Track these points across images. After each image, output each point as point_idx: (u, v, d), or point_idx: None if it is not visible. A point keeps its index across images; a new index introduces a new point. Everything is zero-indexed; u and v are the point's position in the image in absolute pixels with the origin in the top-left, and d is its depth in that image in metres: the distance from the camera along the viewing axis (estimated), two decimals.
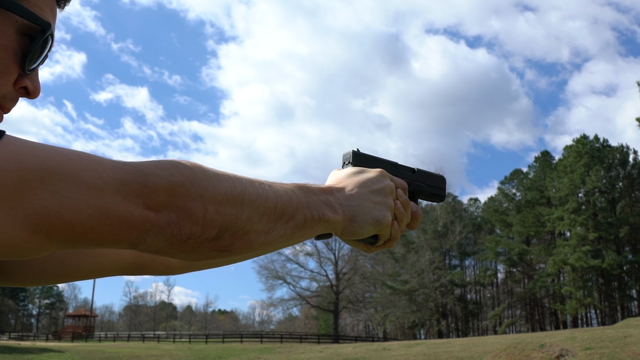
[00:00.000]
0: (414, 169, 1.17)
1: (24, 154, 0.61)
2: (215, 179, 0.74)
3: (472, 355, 28.79)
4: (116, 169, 0.67)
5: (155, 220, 0.68)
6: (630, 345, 25.44)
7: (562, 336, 31.04)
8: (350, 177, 0.99)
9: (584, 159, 68.29)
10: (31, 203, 0.60)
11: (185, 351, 39.87)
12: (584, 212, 68.04)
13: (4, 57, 0.75)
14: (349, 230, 0.94)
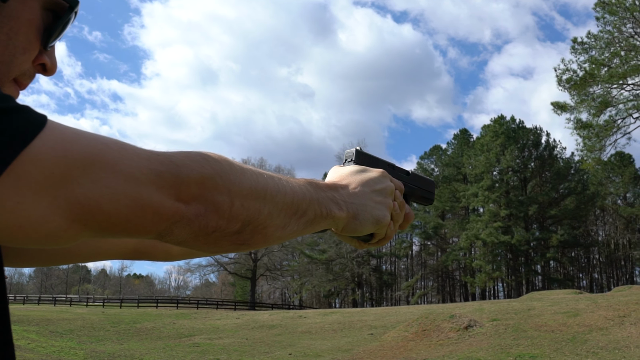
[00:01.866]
0: (409, 171, 1.21)
1: (68, 142, 0.61)
2: (241, 173, 0.76)
3: (385, 325, 29.61)
4: (151, 160, 0.66)
5: (184, 212, 0.68)
6: (533, 317, 26.75)
7: (471, 307, 32.26)
8: (354, 175, 1.01)
9: (500, 138, 70.49)
10: (74, 192, 0.60)
11: (98, 315, 39.24)
12: (497, 190, 70.44)
13: (28, 32, 0.76)
14: (350, 227, 0.96)
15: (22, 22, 0.75)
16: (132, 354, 21.85)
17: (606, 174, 77.94)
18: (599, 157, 37.54)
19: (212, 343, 26.26)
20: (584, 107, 35.05)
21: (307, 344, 25.96)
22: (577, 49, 35.08)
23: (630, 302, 27.86)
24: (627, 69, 33.08)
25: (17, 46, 0.75)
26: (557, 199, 73.64)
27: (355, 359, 21.76)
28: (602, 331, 22.95)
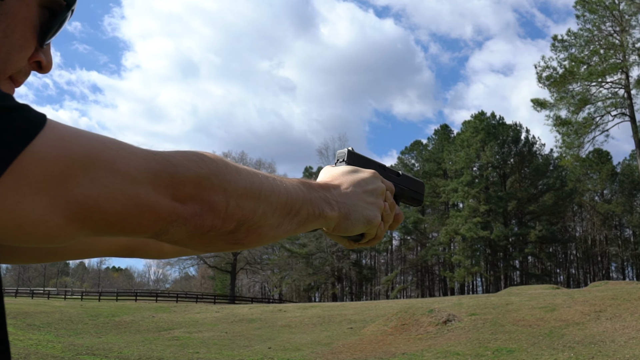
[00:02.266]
0: (399, 172, 1.21)
1: (68, 141, 0.61)
2: (236, 173, 0.76)
3: (364, 319, 29.72)
4: (148, 159, 0.66)
5: (181, 212, 0.68)
6: (511, 312, 27.00)
7: (449, 302, 32.47)
8: (346, 175, 1.01)
9: (481, 134, 70.90)
10: (73, 191, 0.60)
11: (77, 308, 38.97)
12: (477, 185, 70.88)
13: (25, 30, 0.75)
14: (341, 226, 0.97)
15: (19, 19, 0.74)
16: (110, 347, 21.74)
17: (584, 170, 78.78)
18: (577, 154, 37.93)
19: (192, 337, 26.22)
20: (563, 104, 35.36)
21: (287, 337, 26.00)
22: (558, 47, 35.37)
23: (606, 298, 28.22)
24: (606, 67, 33.41)
25: (13, 44, 0.75)
26: (536, 195, 74.28)
27: (335, 353, 21.83)
28: (579, 326, 23.24)
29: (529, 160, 74.63)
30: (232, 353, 21.44)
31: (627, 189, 76.98)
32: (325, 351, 22.31)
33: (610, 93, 34.83)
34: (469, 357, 19.75)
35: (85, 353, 18.48)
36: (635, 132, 33.91)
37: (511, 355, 19.49)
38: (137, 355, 19.12)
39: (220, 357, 20.25)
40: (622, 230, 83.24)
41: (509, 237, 72.35)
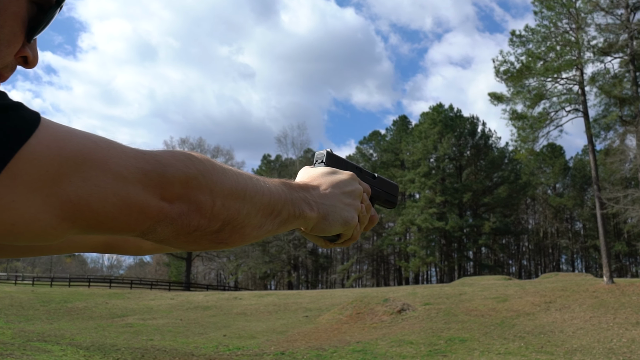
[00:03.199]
0: (375, 175, 1.22)
1: (62, 140, 0.61)
2: (222, 174, 0.77)
3: (320, 307, 29.87)
4: (138, 158, 0.67)
5: (168, 212, 0.69)
6: (464, 302, 27.47)
7: (404, 292, 32.85)
8: (324, 176, 1.02)
9: (438, 126, 71.58)
10: (65, 190, 0.60)
11: (28, 294, 38.27)
12: (434, 177, 71.64)
13: (13, 25, 0.74)
14: (319, 227, 0.98)
15: (9, 14, 0.73)
16: (62, 333, 21.42)
17: (538, 164, 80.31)
18: (532, 148, 38.55)
19: (146, 323, 26.00)
20: (519, 98, 35.87)
21: (242, 325, 25.98)
22: (515, 42, 35.83)
23: (556, 289, 28.90)
24: (561, 63, 34.00)
25: (1, 39, 0.74)
26: (491, 187, 75.45)
27: (290, 341, 21.89)
28: (529, 316, 23.76)
29: (484, 153, 75.68)
30: (187, 340, 21.33)
31: (579, 183, 78.76)
32: (280, 339, 22.36)
33: (565, 89, 35.48)
34: (422, 346, 20.02)
35: (36, 339, 18.17)
36: (588, 127, 34.64)
37: (463, 345, 19.83)
38: (90, 342, 18.88)
39: (174, 344, 20.13)
40: (572, 223, 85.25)
41: (464, 228, 73.38)
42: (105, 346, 17.90)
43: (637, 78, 34.21)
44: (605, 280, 30.48)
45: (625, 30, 33.03)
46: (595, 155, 35.10)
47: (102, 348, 17.34)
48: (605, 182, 46.17)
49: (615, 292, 26.76)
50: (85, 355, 14.95)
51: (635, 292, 26.46)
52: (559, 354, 17.92)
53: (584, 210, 77.20)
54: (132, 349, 17.83)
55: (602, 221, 33.65)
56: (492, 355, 18.19)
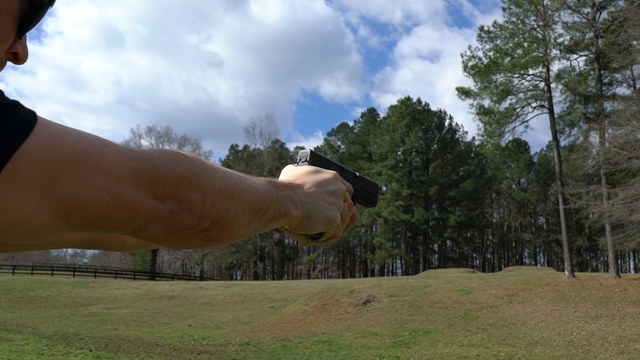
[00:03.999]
0: (356, 174, 1.24)
1: (58, 139, 0.61)
2: (212, 173, 0.78)
3: (286, 298, 29.91)
4: (130, 157, 0.67)
5: (159, 210, 0.69)
6: (429, 294, 27.76)
7: (369, 283, 33.06)
8: (308, 175, 1.04)
9: (406, 119, 71.93)
10: (61, 189, 0.61)
11: None
12: (401, 170, 72.05)
13: (5, 22, 0.73)
14: (303, 225, 0.99)
15: (1, 11, 0.72)
16: (24, 322, 21.13)
17: (503, 159, 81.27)
18: (497, 143, 39.06)
19: (110, 313, 25.76)
20: (486, 93, 36.27)
21: (208, 315, 25.90)
22: (484, 37, 36.19)
23: (518, 282, 29.37)
24: (528, 60, 34.45)
25: None
26: (457, 181, 76.19)
27: (255, 332, 21.90)
28: (492, 309, 24.12)
29: (451, 146, 76.33)
30: (152, 330, 21.21)
31: (543, 178, 79.97)
32: (245, 329, 22.36)
33: (532, 85, 35.96)
34: (387, 337, 20.19)
35: None
36: (553, 124, 35.17)
37: (427, 336, 20.05)
38: (53, 331, 18.66)
39: (139, 333, 20.00)
40: (536, 217, 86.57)
41: (430, 221, 74.01)
42: (68, 335, 17.71)
43: (601, 76, 34.83)
44: (566, 274, 31.07)
45: (591, 29, 33.57)
46: (560, 152, 35.69)
47: (65, 337, 17.16)
48: (568, 178, 46.98)
49: (576, 286, 27.31)
50: (48, 345, 14.78)
51: (595, 286, 27.03)
52: (520, 346, 18.23)
53: (547, 205, 78.43)
54: (95, 339, 17.67)
55: (565, 216, 34.26)
56: (455, 347, 18.43)
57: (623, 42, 27.84)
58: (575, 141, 37.05)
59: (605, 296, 24.74)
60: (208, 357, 16.17)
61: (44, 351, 13.32)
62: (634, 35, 24.56)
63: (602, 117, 32.22)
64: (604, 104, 34.04)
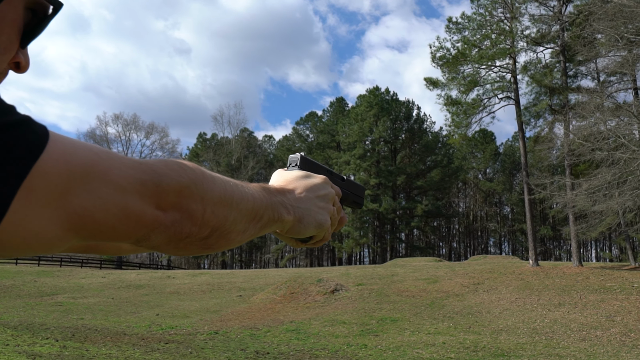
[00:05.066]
0: (344, 177, 1.27)
1: (69, 153, 0.62)
2: (212, 182, 0.80)
3: (254, 287, 29.92)
4: (135, 168, 0.69)
5: (162, 220, 0.71)
6: (396, 282, 28.02)
7: (337, 272, 33.24)
8: (299, 180, 1.06)
9: (374, 109, 72.12)
10: (72, 203, 0.62)
11: None
12: (369, 159, 72.30)
13: (10, 33, 0.74)
14: (294, 229, 1.01)
15: (7, 22, 0.73)
16: None
17: (470, 149, 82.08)
18: (464, 133, 39.47)
19: (76, 302, 25.51)
20: (454, 84, 36.58)
21: (175, 304, 25.81)
22: (452, 29, 36.46)
23: (484, 271, 29.81)
24: (495, 52, 34.81)
25: None
26: (424, 170, 76.74)
27: (224, 321, 21.90)
28: (458, 297, 24.46)
29: (419, 136, 76.76)
30: (119, 319, 21.07)
31: (508, 168, 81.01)
32: (214, 318, 22.34)
33: (498, 77, 36.37)
34: (354, 325, 20.35)
35: None
36: (519, 115, 35.65)
37: (395, 325, 20.27)
38: (18, 321, 18.44)
39: (106, 323, 19.86)
40: (501, 207, 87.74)
41: (397, 211, 74.48)
42: (34, 325, 17.52)
43: (566, 69, 35.39)
44: (530, 263, 31.62)
45: (557, 22, 34.05)
46: (525, 142, 36.21)
47: (31, 327, 16.97)
48: (533, 168, 47.73)
49: (539, 275, 27.81)
50: (13, 335, 14.62)
51: (558, 275, 27.56)
52: (485, 333, 18.54)
53: (512, 195, 79.51)
54: (62, 328, 17.52)
55: (530, 206, 34.81)
56: (422, 335, 18.66)
57: (588, 35, 28.32)
58: (540, 132, 37.62)
59: (568, 284, 25.25)
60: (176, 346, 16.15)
61: (9, 341, 13.20)
62: (599, 29, 24.98)
63: (566, 109, 32.76)
64: (568, 96, 34.62)
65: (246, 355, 15.31)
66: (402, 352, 16.45)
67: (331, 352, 16.50)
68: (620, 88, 34.08)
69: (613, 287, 24.04)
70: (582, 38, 29.35)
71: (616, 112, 25.34)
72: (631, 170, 23.40)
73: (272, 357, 15.28)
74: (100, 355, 13.44)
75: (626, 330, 18.23)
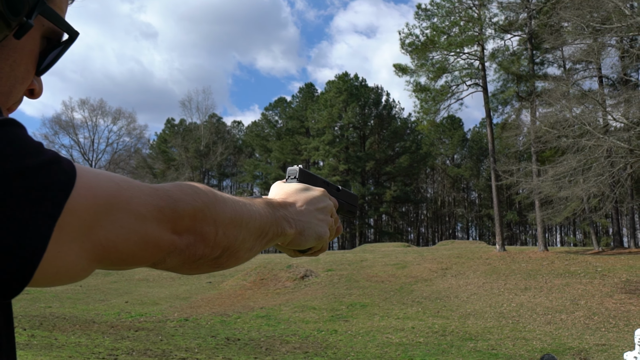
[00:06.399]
0: (339, 187, 1.31)
1: (94, 187, 0.64)
2: (223, 204, 0.82)
3: (223, 273, 29.85)
4: (152, 195, 0.71)
5: (178, 244, 0.74)
6: (365, 268, 28.20)
7: (307, 258, 33.29)
8: (299, 193, 1.10)
9: (343, 95, 72.10)
10: (98, 235, 0.64)
11: None
12: (338, 145, 72.37)
13: (28, 63, 0.77)
14: (295, 242, 1.04)
15: (25, 53, 0.76)
16: None
17: (438, 135, 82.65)
18: (433, 120, 39.74)
19: (43, 290, 25.19)
20: (423, 71, 36.73)
21: (145, 291, 25.69)
22: (421, 15, 36.54)
23: (452, 256, 30.15)
24: (464, 39, 35.02)
25: (17, 77, 0.76)
26: (393, 156, 77.05)
27: (193, 307, 21.87)
28: (427, 282, 24.73)
29: (387, 122, 76.95)
30: (87, 307, 20.92)
31: (476, 154, 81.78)
32: (183, 305, 22.30)
33: (467, 64, 36.62)
34: (324, 311, 20.48)
35: None
36: (487, 101, 35.98)
37: (364, 310, 20.45)
38: None
39: (74, 311, 19.70)
40: (468, 193, 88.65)
41: (366, 196, 74.71)
42: None
43: (533, 56, 35.81)
44: (497, 248, 32.08)
45: (524, 10, 34.38)
46: (493, 129, 36.60)
47: None
48: (500, 154, 48.28)
49: (506, 260, 28.24)
50: None
51: (524, 260, 28.02)
52: (453, 318, 18.80)
53: (479, 181, 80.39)
54: (29, 317, 17.35)
55: (497, 192, 35.27)
56: (392, 319, 18.87)
57: (555, 23, 28.65)
58: (507, 119, 38.08)
59: (533, 269, 25.69)
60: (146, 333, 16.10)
61: None
62: (565, 17, 25.30)
63: (533, 96, 33.17)
64: (535, 83, 35.05)
65: (217, 342, 15.33)
66: (372, 337, 16.63)
67: (302, 338, 16.60)
68: (585, 76, 34.66)
69: (577, 271, 24.54)
70: (549, 26, 29.68)
71: (582, 100, 25.73)
72: (596, 157, 23.82)
73: (243, 344, 15.33)
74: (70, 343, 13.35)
75: (590, 313, 18.65)
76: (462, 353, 14.76)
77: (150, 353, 12.90)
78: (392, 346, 15.54)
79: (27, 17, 0.71)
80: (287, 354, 14.22)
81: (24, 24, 0.71)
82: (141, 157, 72.73)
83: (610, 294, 20.65)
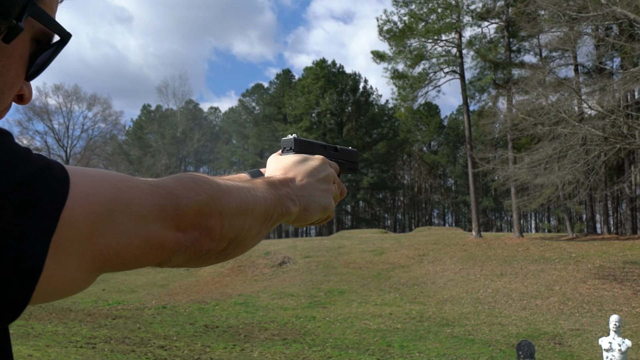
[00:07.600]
0: (336, 147, 1.27)
1: (91, 194, 0.61)
2: (228, 193, 0.79)
3: None
4: (153, 194, 0.68)
5: (183, 241, 0.71)
6: (343, 255, 28.30)
7: (285, 245, 33.35)
8: (298, 165, 1.05)
9: (321, 82, 71.97)
10: (97, 245, 0.61)
11: None
12: (315, 131, 72.28)
13: (18, 67, 0.72)
14: (301, 218, 1.00)
15: (15, 57, 0.71)
16: None
17: (415, 122, 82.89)
18: (410, 107, 39.88)
19: None
20: (401, 58, 36.76)
21: (122, 279, 25.53)
22: (399, 2, 36.51)
23: (429, 242, 30.36)
24: (442, 26, 35.10)
25: (6, 82, 0.71)
26: (370, 143, 77.17)
27: (171, 295, 21.82)
28: (404, 268, 24.89)
29: (365, 109, 76.99)
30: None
31: (452, 141, 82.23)
32: (161, 293, 22.23)
33: (444, 51, 36.72)
34: (302, 297, 20.55)
35: None
36: (464, 89, 36.14)
37: (342, 296, 20.54)
38: None
39: None
40: (445, 179, 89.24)
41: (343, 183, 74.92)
42: None
43: (510, 44, 36.02)
44: (474, 234, 32.37)
45: None
46: (469, 116, 36.79)
47: None
48: (477, 142, 48.60)
49: (482, 246, 28.51)
50: None
51: (500, 246, 28.32)
52: (430, 304, 18.97)
53: (456, 168, 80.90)
54: None
55: (473, 179, 35.54)
56: (369, 306, 18.98)
57: (531, 11, 28.78)
58: (484, 106, 38.30)
59: (509, 255, 25.98)
60: (124, 321, 16.04)
61: None
62: (542, 5, 25.42)
63: (510, 83, 33.38)
64: (512, 71, 35.30)
65: (195, 329, 15.33)
66: (350, 324, 16.73)
67: (280, 325, 16.65)
68: (561, 64, 34.94)
69: (552, 257, 24.85)
70: (525, 14, 29.83)
71: (557, 88, 25.95)
72: (571, 145, 24.09)
73: (222, 331, 15.34)
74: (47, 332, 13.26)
75: (564, 298, 18.93)
76: (439, 338, 14.92)
77: (128, 341, 12.86)
78: (370, 332, 15.65)
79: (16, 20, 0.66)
80: (266, 340, 14.26)
81: (13, 27, 0.66)
82: (117, 143, 71.98)
83: (584, 280, 20.96)
